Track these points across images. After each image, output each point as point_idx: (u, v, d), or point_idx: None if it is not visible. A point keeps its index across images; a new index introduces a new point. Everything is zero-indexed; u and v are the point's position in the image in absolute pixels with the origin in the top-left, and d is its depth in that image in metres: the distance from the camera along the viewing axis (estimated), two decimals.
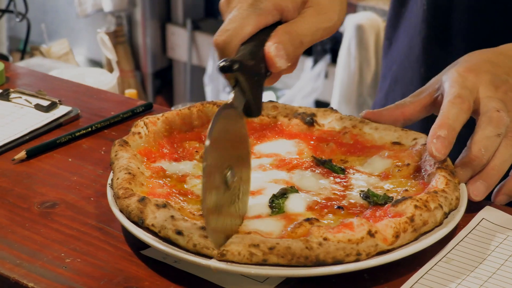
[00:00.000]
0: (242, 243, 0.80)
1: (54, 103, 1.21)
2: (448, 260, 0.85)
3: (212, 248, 0.80)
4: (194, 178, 0.96)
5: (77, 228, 0.92)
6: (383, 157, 0.99)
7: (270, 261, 0.79)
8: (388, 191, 0.93)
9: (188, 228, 0.82)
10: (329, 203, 0.91)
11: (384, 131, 1.02)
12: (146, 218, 0.84)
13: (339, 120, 1.05)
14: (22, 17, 1.94)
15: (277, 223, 0.87)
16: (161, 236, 0.83)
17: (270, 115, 1.06)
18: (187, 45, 3.82)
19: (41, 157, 1.09)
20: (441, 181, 0.90)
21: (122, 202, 0.87)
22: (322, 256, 0.80)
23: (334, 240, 0.80)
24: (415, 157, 0.97)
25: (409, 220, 0.84)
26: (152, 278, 0.83)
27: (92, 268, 0.85)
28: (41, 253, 0.87)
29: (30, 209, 0.96)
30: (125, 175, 0.91)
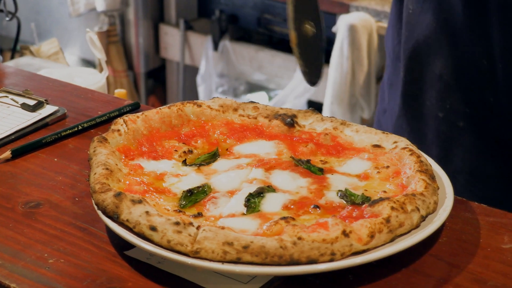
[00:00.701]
0: (216, 240, 0.79)
1: (40, 102, 1.20)
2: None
3: (186, 244, 0.80)
4: (172, 177, 0.95)
5: (61, 229, 0.91)
6: (362, 158, 0.99)
7: (243, 259, 0.79)
8: (366, 191, 0.93)
9: (162, 224, 0.81)
10: (305, 202, 0.91)
11: (365, 134, 1.02)
12: (121, 213, 0.84)
13: (320, 121, 1.05)
14: (12, 16, 1.93)
15: (252, 222, 0.86)
16: (136, 232, 0.82)
17: (250, 116, 1.06)
18: (180, 45, 3.81)
19: (27, 156, 1.08)
20: (420, 184, 0.90)
21: (98, 196, 0.87)
22: (296, 256, 0.79)
23: (308, 239, 0.80)
24: (395, 160, 0.97)
25: (384, 221, 0.83)
26: (135, 279, 0.83)
27: (75, 268, 0.84)
28: (24, 253, 0.87)
29: (14, 209, 0.95)
30: (103, 170, 0.90)
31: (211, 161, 0.99)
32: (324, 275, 0.83)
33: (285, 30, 3.45)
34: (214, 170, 0.97)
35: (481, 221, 0.93)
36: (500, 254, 0.87)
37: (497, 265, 0.85)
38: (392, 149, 1.00)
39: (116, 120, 1.01)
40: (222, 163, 0.99)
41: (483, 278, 0.83)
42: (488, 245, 0.89)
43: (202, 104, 1.06)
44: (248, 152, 1.02)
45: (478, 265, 0.85)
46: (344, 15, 3.10)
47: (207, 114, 1.06)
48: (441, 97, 1.07)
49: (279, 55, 3.50)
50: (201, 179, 0.95)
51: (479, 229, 0.92)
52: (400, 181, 0.94)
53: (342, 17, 3.09)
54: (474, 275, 0.84)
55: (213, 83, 3.70)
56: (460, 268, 0.85)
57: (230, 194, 0.92)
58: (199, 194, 0.91)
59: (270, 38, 3.58)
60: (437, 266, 0.85)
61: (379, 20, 3.06)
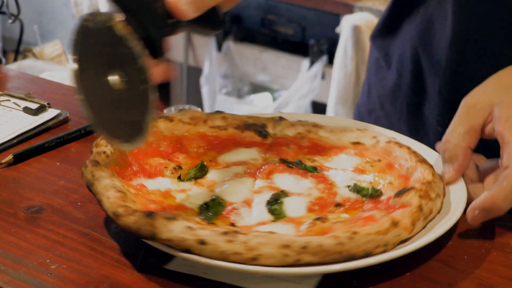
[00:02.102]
0: (272, 244, 0.78)
1: (43, 106, 1.20)
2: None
3: (242, 253, 0.78)
4: (178, 193, 0.94)
5: (63, 234, 0.91)
6: (350, 154, 1.01)
7: (303, 260, 0.78)
8: (372, 183, 0.95)
9: (211, 236, 0.79)
10: (325, 202, 0.92)
11: (341, 133, 1.03)
12: (159, 233, 0.81)
13: (290, 127, 1.05)
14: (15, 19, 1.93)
15: (287, 227, 0.86)
16: (181, 248, 0.80)
17: (221, 127, 1.04)
18: (183, 46, 3.80)
19: (29, 161, 1.07)
20: (427, 173, 0.92)
21: (126, 220, 0.82)
22: (353, 250, 0.80)
23: (363, 233, 0.80)
24: (382, 154, 0.99)
25: (418, 210, 0.85)
26: (138, 285, 0.82)
27: (77, 274, 0.84)
28: (26, 259, 0.86)
29: (16, 214, 0.95)
30: (116, 193, 0.86)
31: (202, 174, 0.98)
32: (329, 282, 0.82)
33: (289, 30, 3.45)
34: (213, 182, 0.97)
35: (487, 225, 0.92)
36: (507, 258, 0.86)
37: (504, 269, 0.84)
38: (373, 144, 1.01)
39: (98, 142, 0.96)
40: (216, 173, 0.98)
41: (490, 283, 0.82)
42: (494, 249, 0.88)
43: (173, 118, 1.03)
44: (235, 160, 1.01)
45: (484, 270, 0.84)
46: (348, 16, 3.09)
47: (180, 128, 1.03)
48: (441, 112, 1.06)
49: (283, 55, 3.50)
50: (207, 192, 0.94)
51: (485, 233, 0.91)
52: (397, 173, 0.96)
53: (346, 18, 3.08)
54: (481, 280, 0.83)
55: (217, 84, 3.69)
56: (466, 273, 0.84)
57: (246, 204, 0.91)
58: (215, 206, 0.91)
59: (274, 39, 3.58)
60: (443, 271, 0.84)
61: None
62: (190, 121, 1.04)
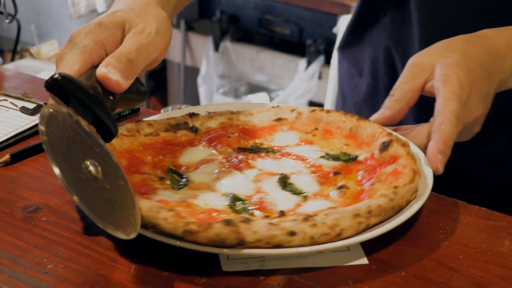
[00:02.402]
0: (346, 217, 0.83)
1: (40, 106, 1.20)
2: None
3: (327, 232, 0.82)
4: (194, 199, 0.93)
5: (60, 233, 0.91)
6: (285, 131, 1.07)
7: (371, 223, 0.85)
8: (333, 150, 1.03)
9: (296, 225, 0.82)
10: (324, 174, 0.97)
11: (259, 114, 1.09)
12: (246, 237, 0.81)
13: (209, 119, 1.08)
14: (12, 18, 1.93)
15: (319, 202, 0.91)
16: (271, 246, 0.81)
17: (153, 133, 1.04)
18: (181, 46, 3.81)
19: (26, 160, 1.08)
20: (377, 127, 1.01)
21: (204, 234, 0.81)
22: (401, 202, 0.88)
23: (401, 185, 0.89)
24: (312, 123, 1.07)
25: (411, 156, 0.94)
26: (134, 285, 0.82)
27: (74, 274, 0.84)
28: (23, 258, 0.86)
29: (13, 214, 0.95)
30: (169, 212, 0.83)
31: (183, 179, 0.97)
32: (324, 280, 0.83)
33: (286, 30, 3.45)
34: (205, 184, 0.97)
35: (482, 225, 0.93)
36: (501, 258, 0.87)
37: (498, 269, 0.85)
38: (296, 116, 1.08)
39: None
40: (198, 176, 0.98)
41: (484, 283, 0.83)
42: (488, 249, 0.88)
43: (117, 135, 0.99)
44: (198, 160, 1.01)
45: (478, 269, 0.85)
46: (345, 16, 3.09)
47: (125, 142, 1.02)
48: (417, 109, 1.09)
49: (280, 56, 3.50)
50: (214, 193, 0.94)
51: (479, 232, 0.91)
52: (342, 135, 1.04)
53: (343, 18, 3.09)
54: (475, 279, 0.83)
55: (214, 84, 3.70)
56: (461, 272, 0.84)
57: (263, 193, 0.93)
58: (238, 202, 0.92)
59: (271, 39, 3.58)
60: (437, 271, 0.85)
61: None
62: (128, 133, 1.03)
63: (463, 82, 0.98)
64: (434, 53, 1.04)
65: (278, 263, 0.85)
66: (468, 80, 0.99)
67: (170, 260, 0.85)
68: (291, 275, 0.83)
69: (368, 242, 0.86)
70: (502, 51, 1.04)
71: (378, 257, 0.86)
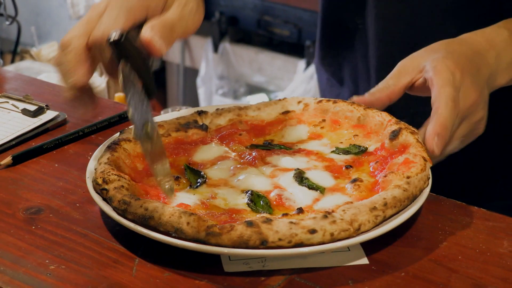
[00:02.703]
0: (363, 211, 0.85)
1: (41, 108, 1.21)
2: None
3: (347, 229, 0.84)
4: (214, 200, 0.93)
5: (61, 234, 0.92)
6: (294, 124, 1.08)
7: (387, 215, 0.87)
8: (342, 143, 1.04)
9: (316, 223, 0.83)
10: (337, 168, 0.99)
11: (266, 107, 1.10)
12: (269, 237, 0.82)
13: (217, 117, 1.09)
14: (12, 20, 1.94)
15: (336, 196, 0.93)
16: (292, 245, 0.82)
17: (165, 134, 1.05)
18: (180, 47, 3.81)
19: (27, 162, 1.08)
20: (385, 115, 1.03)
21: (228, 236, 0.82)
22: (414, 192, 0.90)
23: (413, 174, 0.91)
24: (320, 114, 1.08)
25: (420, 144, 0.96)
26: (135, 285, 0.83)
27: (76, 275, 0.85)
28: (25, 259, 0.87)
29: (15, 215, 0.96)
30: (191, 216, 0.84)
31: (201, 176, 0.98)
32: (324, 281, 0.83)
33: (285, 31, 3.45)
34: (223, 180, 0.98)
35: (481, 226, 0.93)
36: (499, 258, 0.87)
37: (496, 269, 0.85)
38: (303, 108, 1.10)
39: (108, 178, 0.92)
40: (215, 173, 0.99)
41: (483, 283, 0.83)
42: (487, 250, 0.89)
43: (131, 139, 1.01)
44: (213, 157, 1.03)
45: (477, 270, 0.85)
46: None
47: (139, 146, 1.00)
48: (406, 101, 1.10)
49: (279, 57, 3.51)
50: (232, 190, 0.95)
51: (478, 233, 0.92)
52: (350, 124, 1.05)
53: None
54: (474, 280, 0.84)
55: (213, 85, 3.70)
56: (460, 273, 0.85)
57: (281, 190, 0.94)
58: (258, 200, 0.92)
59: (270, 40, 3.59)
60: (436, 271, 0.85)
61: None
62: None
63: (453, 69, 1.00)
64: (420, 56, 1.06)
65: (279, 264, 0.86)
66: (458, 67, 1.01)
67: (171, 261, 0.86)
68: (291, 275, 0.84)
69: (368, 243, 0.87)
70: (483, 47, 1.07)
71: (378, 258, 0.87)
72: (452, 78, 0.99)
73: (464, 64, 1.02)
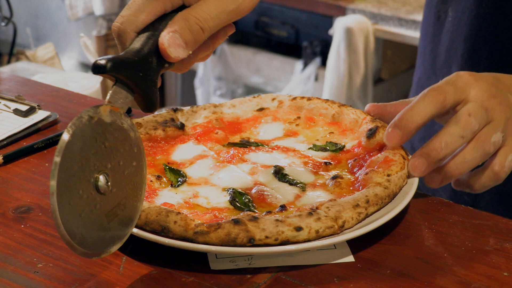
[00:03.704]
0: (347, 208, 0.86)
1: (33, 108, 1.21)
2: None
3: (331, 225, 0.84)
4: (196, 198, 0.94)
5: (50, 233, 0.92)
6: (269, 122, 1.09)
7: (369, 212, 0.88)
8: (318, 140, 1.05)
9: (301, 220, 0.84)
10: (316, 164, 0.99)
11: (241, 104, 1.11)
12: (256, 234, 0.83)
13: (193, 114, 1.10)
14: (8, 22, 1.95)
15: (318, 192, 0.93)
16: (278, 242, 0.83)
17: (143, 133, 1.04)
18: None
19: (18, 161, 1.09)
20: (359, 112, 1.05)
21: (216, 234, 0.83)
22: (395, 190, 0.91)
23: (394, 173, 0.92)
24: (294, 111, 1.09)
25: None
26: (123, 283, 0.83)
27: (64, 273, 0.85)
28: (13, 258, 0.88)
29: (4, 214, 0.96)
30: (178, 215, 0.85)
31: (181, 175, 0.98)
32: (310, 279, 0.84)
33: (282, 32, 3.46)
34: (204, 179, 0.98)
35: (467, 224, 0.94)
36: (485, 256, 0.88)
37: (482, 267, 0.86)
38: (277, 105, 1.11)
39: None
40: (194, 172, 0.99)
41: (468, 281, 0.84)
42: (473, 248, 0.89)
43: None
44: (192, 156, 1.02)
45: (463, 267, 0.86)
46: (340, 18, 3.11)
47: None
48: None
49: (277, 58, 3.51)
50: (214, 189, 0.96)
51: (465, 231, 0.92)
52: (325, 122, 1.07)
53: (339, 20, 3.10)
54: (459, 277, 0.84)
55: (211, 86, 3.71)
56: (445, 270, 0.85)
57: (262, 186, 0.95)
58: (240, 198, 0.93)
59: (268, 41, 3.59)
60: (422, 269, 0.86)
61: (375, 22, 3.07)
62: None
63: (460, 73, 0.95)
64: None
65: (265, 262, 0.86)
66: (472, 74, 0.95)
67: (158, 259, 0.86)
68: (277, 273, 0.85)
69: (354, 241, 0.88)
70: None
71: (364, 256, 0.87)
72: (454, 78, 0.94)
73: (485, 76, 0.96)
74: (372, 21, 3.07)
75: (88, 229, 0.77)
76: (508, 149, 0.93)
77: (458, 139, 0.91)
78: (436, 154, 0.91)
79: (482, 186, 0.94)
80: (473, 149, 0.91)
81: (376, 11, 3.06)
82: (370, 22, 3.06)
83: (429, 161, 0.91)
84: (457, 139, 0.91)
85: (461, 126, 0.91)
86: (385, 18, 3.04)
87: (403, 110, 0.92)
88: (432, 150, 0.91)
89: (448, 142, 0.90)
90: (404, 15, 2.99)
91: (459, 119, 0.91)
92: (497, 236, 0.91)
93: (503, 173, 0.93)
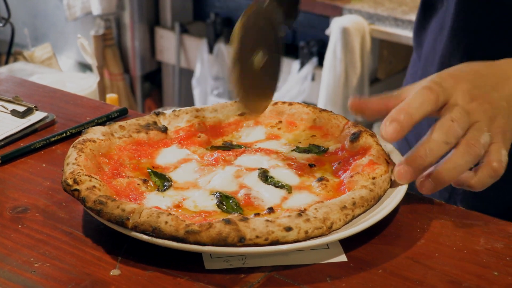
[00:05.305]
0: (334, 210, 0.88)
1: (30, 108, 1.22)
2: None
3: (320, 226, 0.86)
4: (184, 201, 0.95)
5: (47, 233, 0.93)
6: (251, 126, 1.11)
7: (356, 214, 0.90)
8: (300, 142, 1.07)
9: (291, 221, 0.85)
10: (300, 166, 1.00)
11: (223, 109, 1.12)
12: (246, 234, 0.84)
13: (175, 118, 1.10)
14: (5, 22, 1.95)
15: (304, 194, 0.95)
16: (268, 242, 0.84)
17: (126, 135, 1.05)
18: (175, 48, 3.83)
19: (15, 162, 1.10)
20: (340, 118, 1.07)
21: (207, 233, 0.84)
22: (380, 192, 0.93)
23: (378, 176, 0.94)
24: (276, 116, 1.11)
25: (381, 147, 0.99)
26: (118, 282, 0.84)
27: (60, 272, 0.86)
28: (10, 257, 0.89)
29: (1, 214, 0.97)
30: (169, 216, 0.86)
31: (167, 179, 0.99)
32: (303, 278, 0.85)
33: None
34: (189, 183, 0.99)
35: (458, 224, 0.95)
36: (476, 256, 0.89)
37: (472, 266, 0.87)
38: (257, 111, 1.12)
39: (79, 179, 0.93)
40: (179, 176, 1.00)
41: (458, 280, 0.85)
42: (464, 247, 0.90)
43: (96, 140, 1.01)
44: (176, 160, 1.03)
45: (453, 267, 0.87)
46: (337, 18, 3.12)
47: (104, 146, 1.02)
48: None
49: None
50: (202, 192, 0.96)
51: (455, 231, 0.93)
52: (306, 126, 1.09)
53: (335, 20, 3.11)
54: (450, 276, 0.85)
55: (208, 85, 3.72)
56: (436, 270, 0.86)
57: (248, 189, 0.96)
58: (227, 201, 0.94)
59: None
60: (413, 269, 0.87)
61: (372, 22, 3.08)
62: (105, 138, 1.03)
63: (442, 75, 0.96)
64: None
65: (259, 261, 0.87)
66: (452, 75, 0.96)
67: (153, 259, 0.88)
68: (271, 272, 0.86)
69: (346, 240, 0.89)
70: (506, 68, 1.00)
71: (356, 255, 0.89)
72: (439, 80, 0.95)
73: (465, 76, 0.97)
74: (369, 21, 3.08)
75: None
76: (499, 145, 0.94)
77: (442, 146, 0.92)
78: (421, 161, 0.92)
79: (483, 185, 0.95)
80: (464, 153, 0.92)
81: (372, 11, 3.08)
82: (366, 22, 3.07)
83: (414, 168, 0.93)
84: (441, 145, 0.92)
85: (444, 132, 0.92)
86: (381, 18, 3.05)
87: (400, 105, 0.92)
88: (417, 157, 0.92)
89: (432, 149, 0.92)
90: (400, 15, 3.00)
91: (442, 125, 0.92)
92: (488, 236, 0.92)
93: (502, 169, 0.94)
